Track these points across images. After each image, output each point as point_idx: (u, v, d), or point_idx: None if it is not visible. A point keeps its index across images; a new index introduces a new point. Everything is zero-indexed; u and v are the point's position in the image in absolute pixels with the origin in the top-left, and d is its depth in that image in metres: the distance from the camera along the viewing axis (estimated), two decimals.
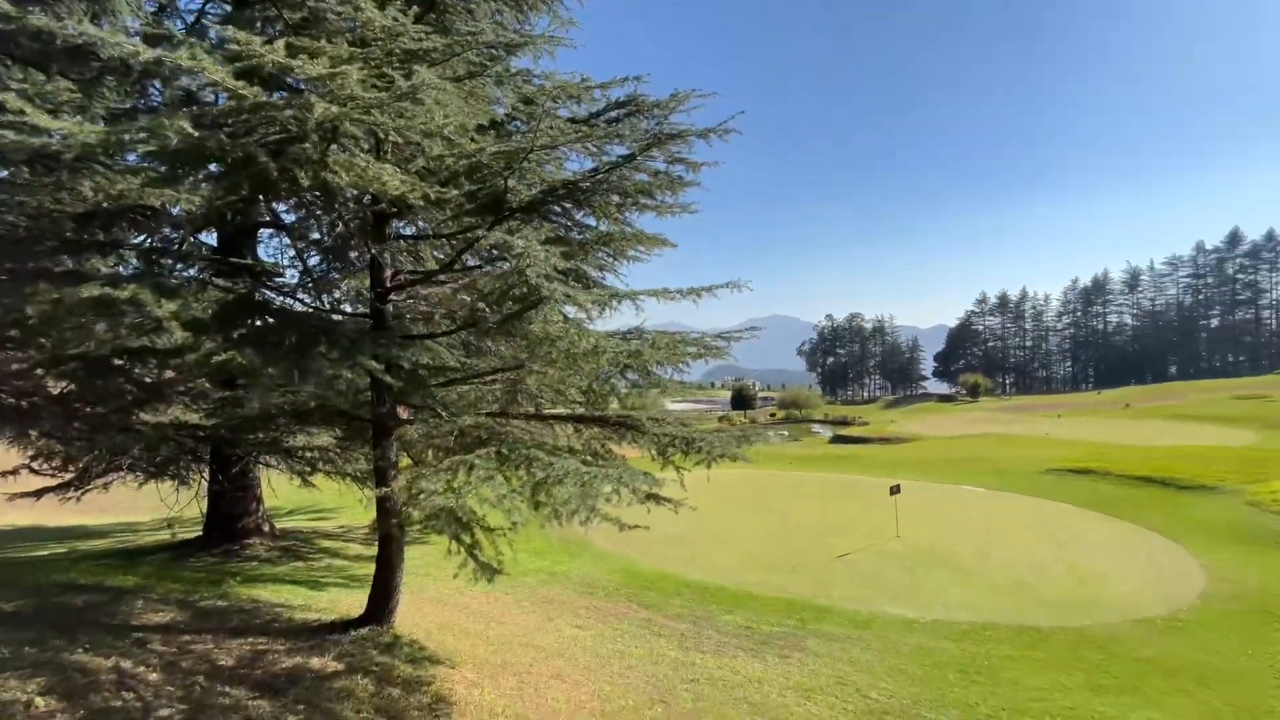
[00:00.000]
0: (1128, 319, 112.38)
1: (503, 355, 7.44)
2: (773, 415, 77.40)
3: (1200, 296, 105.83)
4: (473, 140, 5.35)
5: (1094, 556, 13.22)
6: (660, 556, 13.78)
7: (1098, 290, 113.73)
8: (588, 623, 9.03)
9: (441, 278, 6.41)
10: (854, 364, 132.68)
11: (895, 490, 16.06)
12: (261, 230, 9.65)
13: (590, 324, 5.99)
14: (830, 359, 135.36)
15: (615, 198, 5.93)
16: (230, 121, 4.46)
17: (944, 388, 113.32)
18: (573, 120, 6.31)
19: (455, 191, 5.07)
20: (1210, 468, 19.25)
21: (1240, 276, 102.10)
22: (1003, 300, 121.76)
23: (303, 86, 4.72)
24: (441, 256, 7.43)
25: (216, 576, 8.58)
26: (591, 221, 6.75)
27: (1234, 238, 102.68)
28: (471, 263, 7.18)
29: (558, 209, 6.11)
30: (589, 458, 6.08)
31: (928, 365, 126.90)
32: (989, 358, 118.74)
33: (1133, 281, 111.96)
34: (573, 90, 6.42)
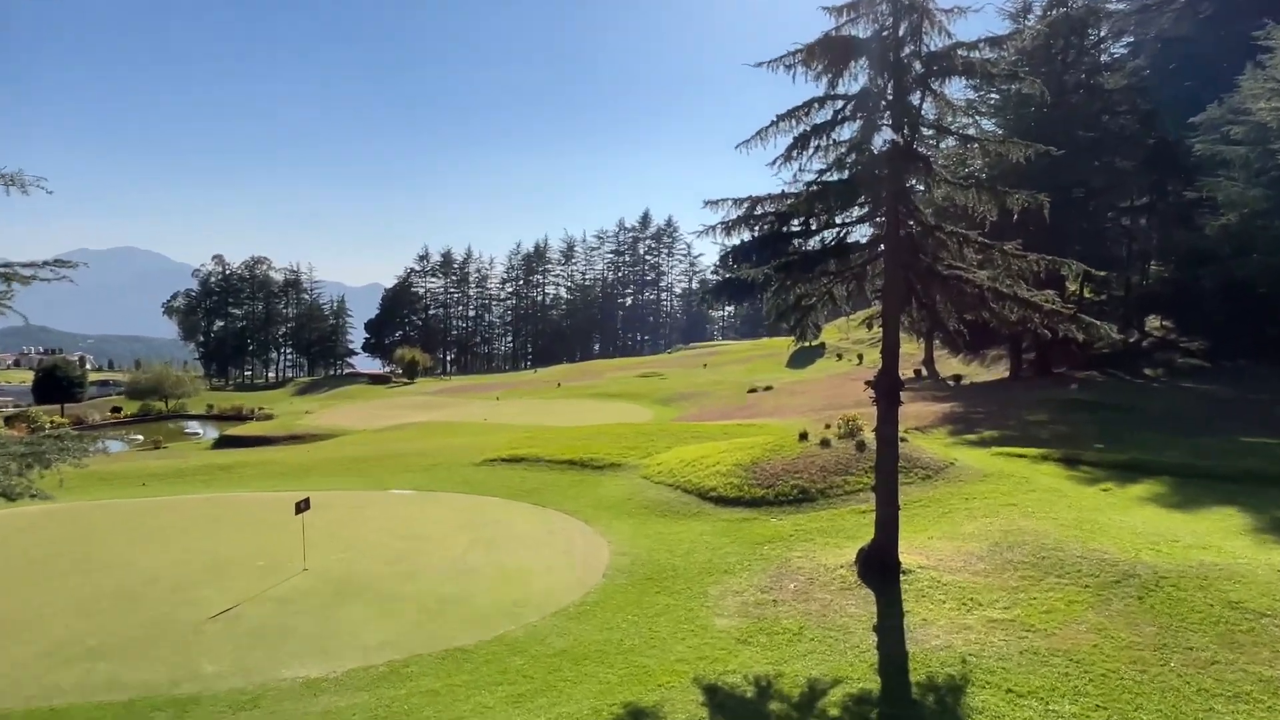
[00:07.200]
0: (563, 291, 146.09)
1: None
2: (117, 411, 68.24)
3: (619, 274, 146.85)
4: None
5: (520, 552, 16.60)
6: None
7: (539, 257, 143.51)
8: None
9: None
10: (256, 331, 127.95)
11: (303, 507, 16.22)
12: None
13: None
14: (220, 322, 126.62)
15: None
16: None
17: (376, 366, 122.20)
18: None
19: None
20: (618, 445, 26.93)
21: (648, 257, 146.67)
22: (447, 259, 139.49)
23: None
24: None
25: None
26: None
27: (645, 219, 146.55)
28: None
29: None
30: None
31: (358, 336, 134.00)
32: (430, 329, 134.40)
33: (569, 252, 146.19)
34: None
